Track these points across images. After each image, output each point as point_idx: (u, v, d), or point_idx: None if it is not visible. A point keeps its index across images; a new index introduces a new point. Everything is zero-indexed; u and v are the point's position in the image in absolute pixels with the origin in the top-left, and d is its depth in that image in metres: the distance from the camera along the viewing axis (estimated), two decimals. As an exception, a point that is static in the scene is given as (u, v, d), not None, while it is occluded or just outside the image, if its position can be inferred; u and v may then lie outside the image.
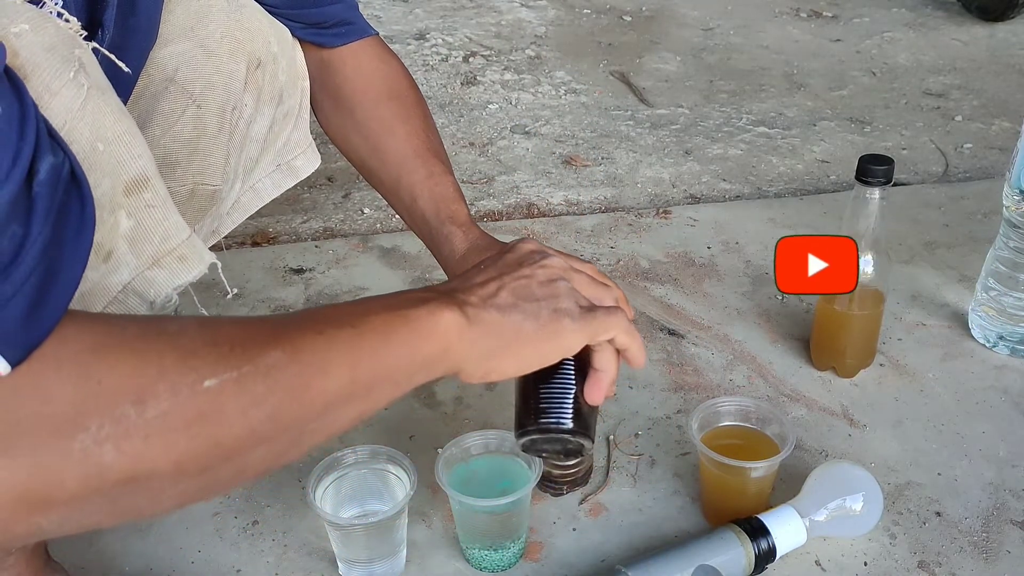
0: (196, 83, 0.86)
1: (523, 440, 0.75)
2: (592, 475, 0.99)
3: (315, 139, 1.05)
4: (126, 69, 0.69)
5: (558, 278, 0.67)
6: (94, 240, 0.56)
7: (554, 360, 0.67)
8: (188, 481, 0.49)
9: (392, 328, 0.56)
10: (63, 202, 0.48)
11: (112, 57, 0.68)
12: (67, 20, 0.64)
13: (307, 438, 0.54)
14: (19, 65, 0.57)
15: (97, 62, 0.65)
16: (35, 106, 0.48)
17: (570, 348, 0.66)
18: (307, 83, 0.98)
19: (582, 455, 0.83)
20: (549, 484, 0.96)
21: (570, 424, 0.72)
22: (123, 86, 0.78)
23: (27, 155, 0.45)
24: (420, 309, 0.58)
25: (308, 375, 0.52)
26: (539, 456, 0.82)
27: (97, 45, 0.67)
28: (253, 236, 1.45)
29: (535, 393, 0.73)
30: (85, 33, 0.65)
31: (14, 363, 0.44)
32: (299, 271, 1.34)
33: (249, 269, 1.34)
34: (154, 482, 0.47)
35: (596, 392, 0.71)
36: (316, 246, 1.41)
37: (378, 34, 1.02)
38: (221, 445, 0.49)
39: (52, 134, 0.49)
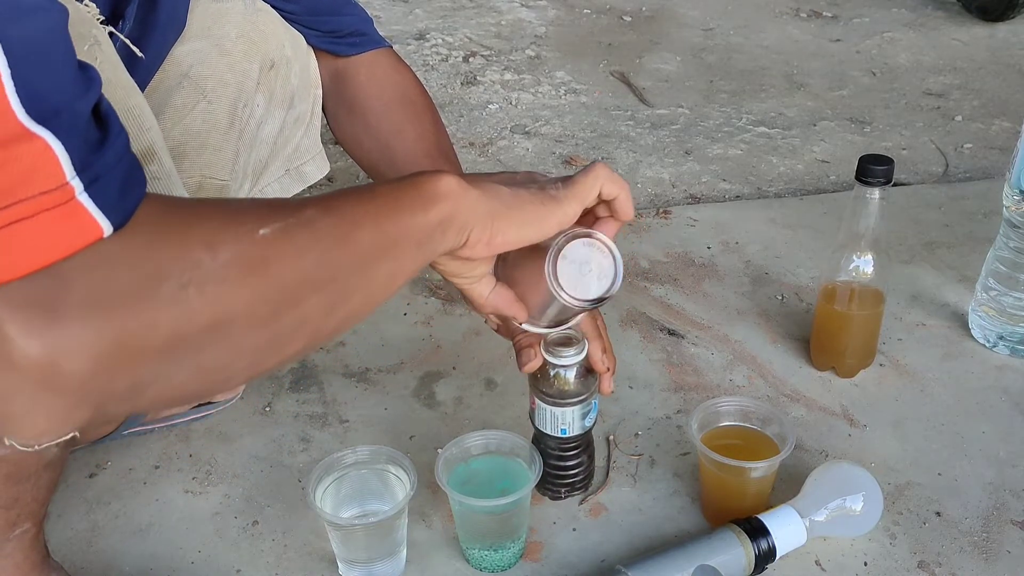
0: (209, 79, 0.88)
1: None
2: (591, 479, 0.98)
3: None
4: (139, 54, 0.71)
5: (544, 182, 0.71)
6: None
7: (553, 229, 0.69)
8: (260, 330, 0.54)
9: (402, 191, 0.62)
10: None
11: (127, 41, 0.70)
12: (87, 5, 0.66)
13: (353, 293, 0.59)
14: None
15: (112, 45, 0.67)
16: None
17: (567, 214, 0.69)
18: (319, 91, 1.00)
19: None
20: (548, 488, 0.96)
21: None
22: (138, 76, 0.80)
23: (97, 79, 0.51)
24: (422, 176, 0.64)
25: (342, 227, 0.58)
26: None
27: (114, 30, 0.68)
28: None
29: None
30: (103, 18, 0.66)
31: (117, 226, 0.49)
32: (299, 271, 1.34)
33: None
34: (233, 328, 0.53)
35: (611, 230, 0.74)
36: (316, 246, 1.41)
37: (392, 47, 1.04)
38: (282, 287, 0.55)
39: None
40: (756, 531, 0.86)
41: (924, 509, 0.95)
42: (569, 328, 0.82)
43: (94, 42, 0.63)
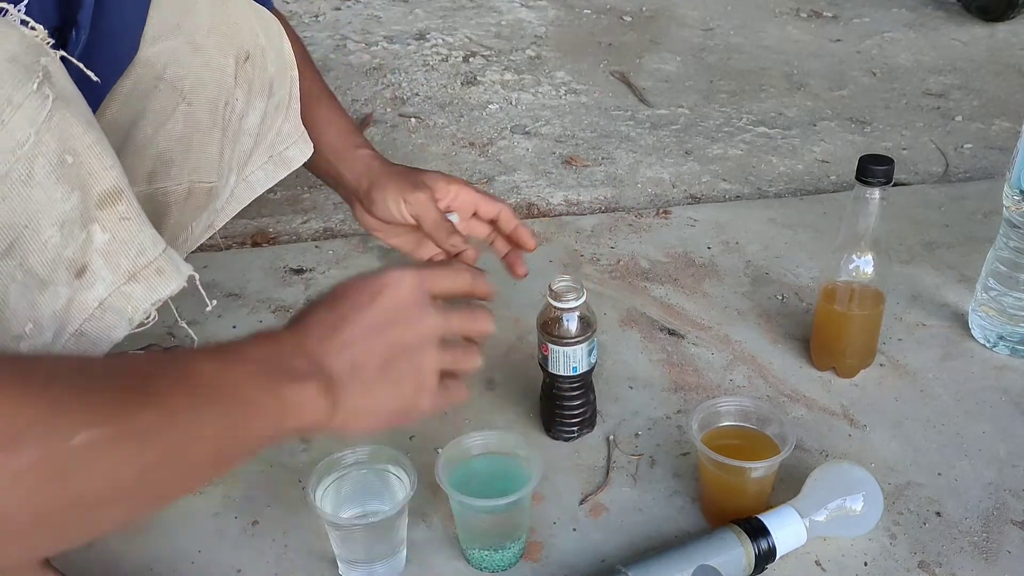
0: (186, 80, 0.85)
1: None
2: (595, 417, 1.05)
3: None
4: (95, 78, 0.67)
5: (423, 350, 0.67)
6: (66, 256, 0.57)
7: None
8: (42, 532, 0.47)
9: (264, 405, 0.57)
10: None
11: (80, 66, 0.65)
12: (32, 28, 0.61)
13: (166, 497, 0.54)
14: None
15: (65, 70, 0.63)
16: None
17: (418, 417, 0.69)
18: (296, 72, 0.97)
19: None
20: (563, 430, 1.03)
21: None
22: (100, 88, 0.77)
23: None
24: (292, 388, 0.59)
25: (179, 442, 0.51)
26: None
27: (65, 54, 0.64)
28: (253, 236, 1.45)
29: None
30: (52, 41, 0.62)
31: None
32: (299, 271, 1.34)
33: (249, 269, 1.34)
34: (9, 527, 0.45)
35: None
36: (316, 246, 1.41)
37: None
38: (83, 500, 0.47)
39: None
40: (756, 531, 0.86)
41: (924, 509, 0.95)
42: (566, 279, 0.97)
43: (43, 78, 0.59)
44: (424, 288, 0.67)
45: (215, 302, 0.76)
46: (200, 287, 0.71)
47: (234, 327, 1.22)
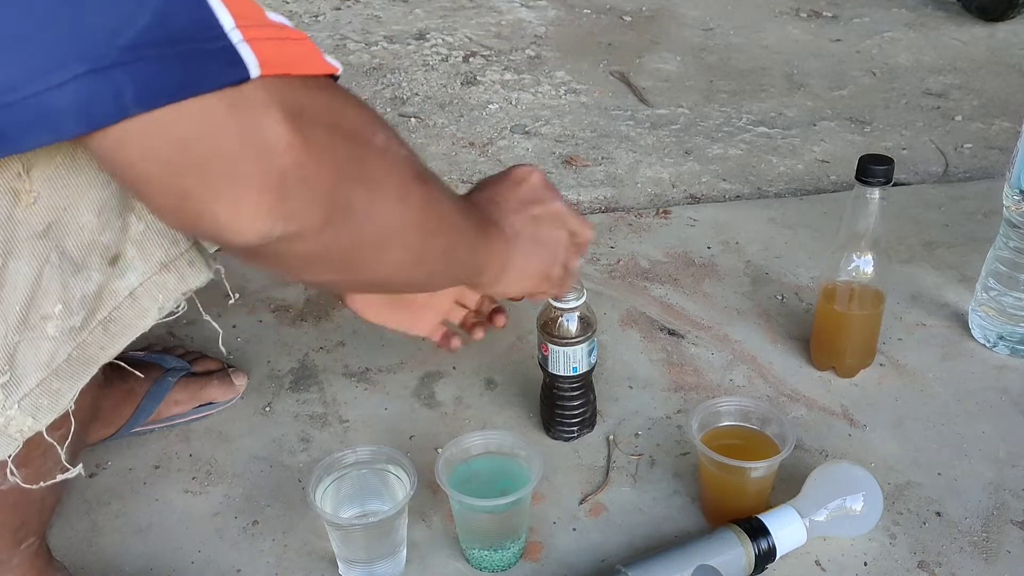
0: None
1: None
2: (595, 416, 1.06)
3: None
4: None
5: (560, 226, 0.83)
6: (101, 242, 0.59)
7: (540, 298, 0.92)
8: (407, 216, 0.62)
9: (472, 232, 0.73)
10: None
11: None
12: None
13: (379, 247, 0.64)
14: None
15: None
16: None
17: (543, 295, 0.90)
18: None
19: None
20: (563, 430, 1.04)
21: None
22: None
23: None
24: (494, 230, 0.77)
25: (454, 235, 0.71)
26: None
27: None
28: (253, 236, 1.45)
29: None
30: None
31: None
32: (299, 271, 1.34)
33: (249, 269, 1.34)
34: (364, 255, 0.62)
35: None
36: (316, 246, 1.41)
37: None
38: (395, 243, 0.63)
39: None
40: (756, 531, 0.86)
41: (924, 509, 0.95)
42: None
43: None
44: (547, 180, 0.84)
45: (237, 295, 0.77)
46: (225, 281, 0.74)
47: (234, 327, 1.22)
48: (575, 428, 1.04)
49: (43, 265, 0.59)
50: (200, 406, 1.07)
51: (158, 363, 1.07)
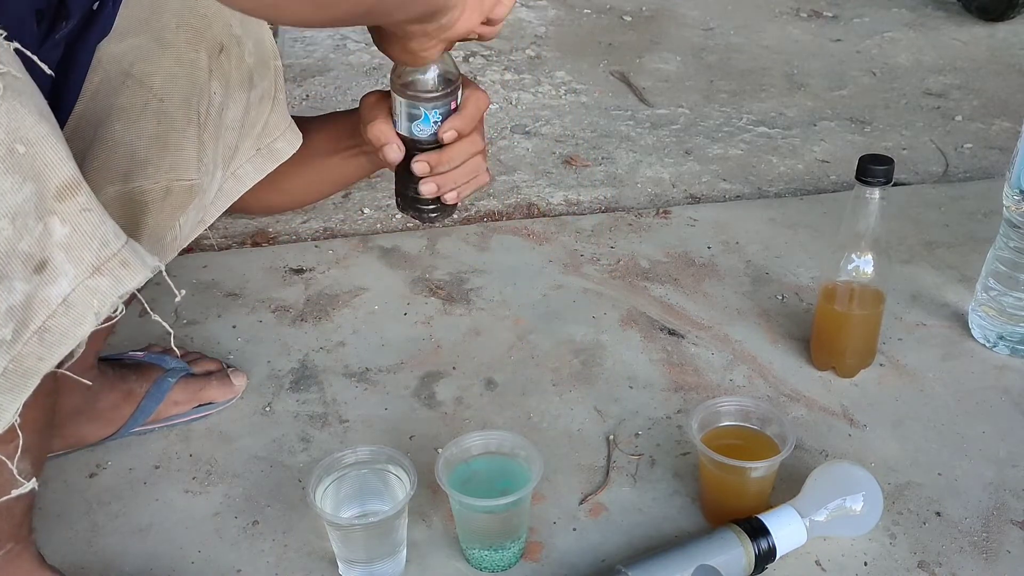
0: (155, 76, 0.83)
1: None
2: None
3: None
4: (48, 71, 0.65)
5: None
6: (21, 249, 0.58)
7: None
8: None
9: None
10: None
11: (35, 59, 0.63)
12: None
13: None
14: None
15: (18, 60, 0.61)
16: None
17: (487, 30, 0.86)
18: (279, 63, 0.93)
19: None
20: (419, 205, 0.94)
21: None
22: (73, 84, 0.76)
23: None
24: None
25: None
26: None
27: (19, 45, 0.62)
28: (253, 236, 1.45)
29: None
30: (4, 32, 0.60)
31: None
32: (299, 271, 1.34)
33: (249, 269, 1.34)
34: None
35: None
36: (316, 246, 1.41)
37: None
38: None
39: None
40: (756, 531, 0.86)
41: (924, 509, 0.95)
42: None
43: None
44: None
45: (183, 291, 0.74)
46: (167, 278, 0.70)
47: (234, 327, 1.22)
48: (432, 204, 0.93)
49: None
50: (200, 406, 1.07)
51: (157, 364, 1.07)
